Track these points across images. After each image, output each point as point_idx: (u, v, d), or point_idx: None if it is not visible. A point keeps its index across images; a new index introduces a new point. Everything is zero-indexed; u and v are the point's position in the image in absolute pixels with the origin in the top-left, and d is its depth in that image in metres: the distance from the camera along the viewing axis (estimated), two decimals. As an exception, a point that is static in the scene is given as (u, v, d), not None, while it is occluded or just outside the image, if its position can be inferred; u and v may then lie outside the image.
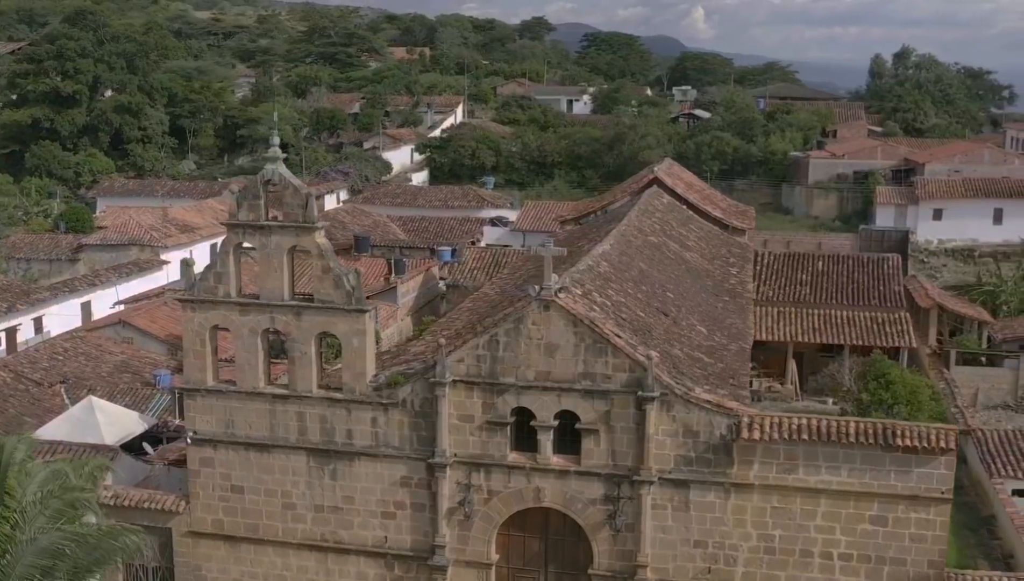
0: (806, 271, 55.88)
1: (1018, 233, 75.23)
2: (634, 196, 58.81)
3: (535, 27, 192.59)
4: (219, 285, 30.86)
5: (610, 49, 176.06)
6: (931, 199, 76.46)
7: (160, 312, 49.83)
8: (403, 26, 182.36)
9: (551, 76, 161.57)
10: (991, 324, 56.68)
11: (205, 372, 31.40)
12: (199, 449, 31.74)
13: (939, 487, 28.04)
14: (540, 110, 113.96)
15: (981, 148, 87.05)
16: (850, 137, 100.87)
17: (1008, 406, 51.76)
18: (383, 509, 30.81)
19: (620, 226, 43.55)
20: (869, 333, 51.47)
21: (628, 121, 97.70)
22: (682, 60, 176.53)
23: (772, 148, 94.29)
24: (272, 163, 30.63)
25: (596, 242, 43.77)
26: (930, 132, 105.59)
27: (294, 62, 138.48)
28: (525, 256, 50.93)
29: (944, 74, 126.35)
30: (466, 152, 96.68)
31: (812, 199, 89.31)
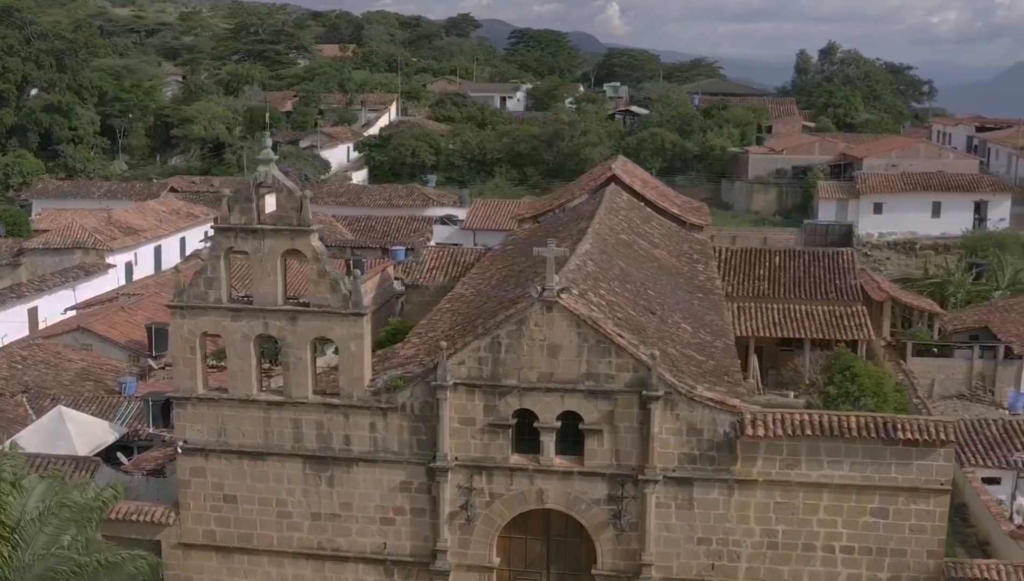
0: (763, 266, 56.53)
1: (955, 226, 77.37)
2: (592, 194, 58.92)
3: (461, 24, 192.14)
4: (210, 291, 30.12)
5: (538, 46, 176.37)
6: (871, 194, 78.17)
7: (118, 317, 48.62)
8: (328, 23, 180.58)
9: (480, 73, 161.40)
10: (941, 316, 57.92)
11: (195, 380, 30.66)
12: (189, 459, 30.98)
13: (938, 478, 28.55)
14: (477, 108, 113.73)
15: (917, 143, 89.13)
16: (785, 133, 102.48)
17: (963, 395, 52.98)
18: (382, 515, 30.39)
19: (593, 224, 43.52)
20: (828, 326, 52.23)
21: (567, 118, 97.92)
22: (609, 57, 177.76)
23: (711, 144, 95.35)
24: (265, 165, 30.01)
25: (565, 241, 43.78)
26: (862, 127, 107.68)
27: (222, 60, 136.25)
28: (492, 255, 50.81)
29: (872, 70, 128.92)
30: (406, 150, 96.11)
31: (752, 194, 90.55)
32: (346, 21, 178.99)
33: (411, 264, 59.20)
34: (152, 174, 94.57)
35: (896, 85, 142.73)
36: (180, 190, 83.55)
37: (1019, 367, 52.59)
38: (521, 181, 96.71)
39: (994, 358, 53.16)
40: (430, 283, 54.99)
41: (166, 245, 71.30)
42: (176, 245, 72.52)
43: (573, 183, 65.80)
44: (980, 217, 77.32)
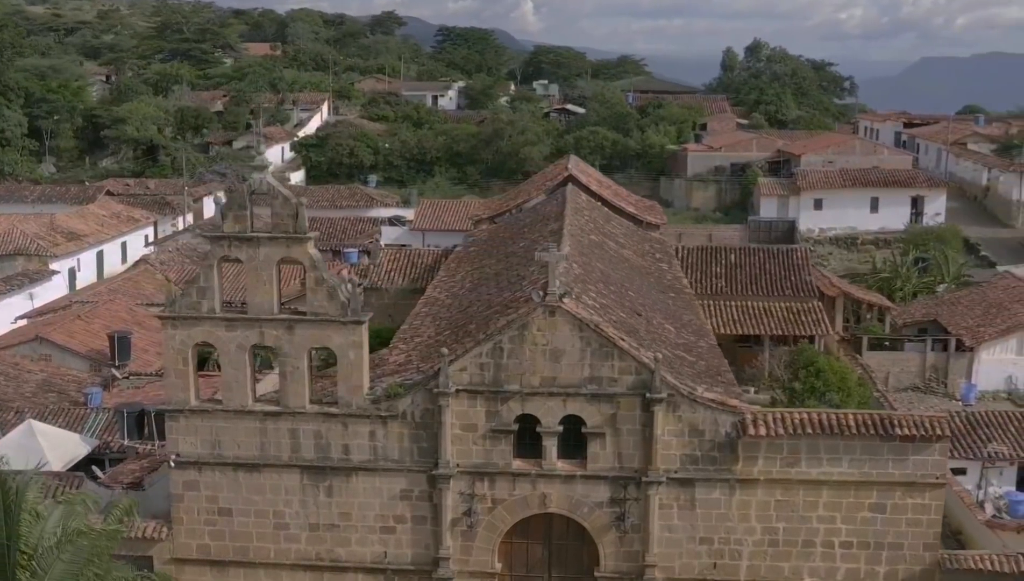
0: (720, 264, 57.16)
1: (893, 221, 79.08)
2: (549, 194, 59.04)
3: (386, 22, 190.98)
4: (203, 300, 29.49)
5: (465, 44, 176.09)
6: (811, 190, 79.53)
7: (76, 326, 47.38)
8: (251, 21, 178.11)
9: (407, 72, 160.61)
10: (891, 310, 59.18)
11: (188, 392, 30.02)
12: (182, 472, 30.35)
13: (934, 472, 29.21)
14: (412, 107, 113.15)
15: (852, 140, 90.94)
16: (720, 130, 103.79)
17: (917, 388, 54.19)
18: (382, 524, 30.11)
19: (565, 226, 43.60)
20: (786, 323, 53.00)
21: (506, 117, 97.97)
22: (535, 55, 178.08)
23: (649, 142, 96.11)
24: (259, 172, 29.51)
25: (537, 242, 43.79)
26: (794, 124, 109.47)
27: (146, 59, 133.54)
28: (455, 257, 50.54)
29: (798, 67, 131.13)
30: (344, 150, 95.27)
31: (691, 191, 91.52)
32: (269, 19, 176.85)
33: (368, 266, 58.56)
34: (83, 177, 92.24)
35: (818, 82, 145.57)
36: (116, 193, 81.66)
37: (970, 359, 53.93)
38: (461, 180, 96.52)
39: (946, 351, 54.42)
40: (388, 286, 54.59)
41: (108, 250, 69.70)
42: (118, 250, 70.95)
43: (527, 183, 65.90)
44: (917, 212, 79.08)
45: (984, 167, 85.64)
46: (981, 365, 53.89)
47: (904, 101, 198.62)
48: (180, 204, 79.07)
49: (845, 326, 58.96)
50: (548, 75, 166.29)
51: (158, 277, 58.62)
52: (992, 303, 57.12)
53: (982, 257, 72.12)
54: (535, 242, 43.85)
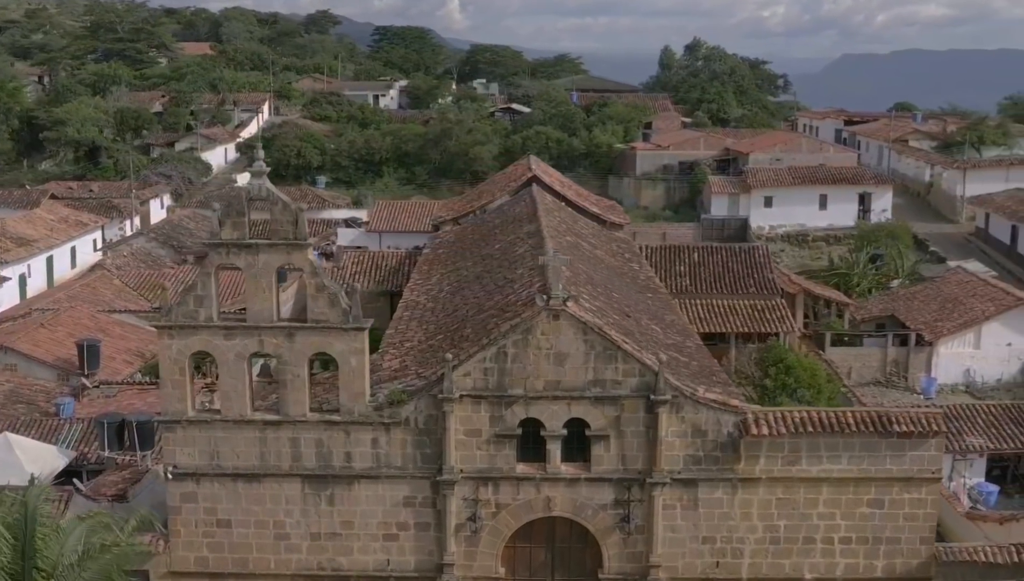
0: (683, 263, 57.76)
1: (842, 218, 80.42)
2: (513, 195, 59.04)
3: (320, 21, 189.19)
4: (200, 309, 28.99)
5: (403, 43, 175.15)
6: (762, 187, 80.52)
7: (40, 334, 46.29)
8: (184, 20, 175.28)
9: (344, 71, 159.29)
10: (850, 306, 60.16)
11: (185, 402, 29.49)
12: (180, 484, 29.82)
13: (930, 467, 29.78)
14: (357, 107, 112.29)
15: (798, 138, 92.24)
16: (666, 129, 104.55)
17: (879, 382, 55.10)
18: (385, 531, 29.91)
19: (542, 226, 43.66)
20: (751, 320, 53.67)
21: (454, 117, 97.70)
22: (473, 53, 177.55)
23: (596, 141, 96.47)
24: (257, 178, 29.08)
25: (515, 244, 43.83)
26: (737, 123, 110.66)
27: (79, 59, 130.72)
28: (426, 259, 50.32)
29: (737, 66, 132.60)
30: (291, 151, 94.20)
31: (641, 190, 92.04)
32: (202, 18, 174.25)
33: (331, 269, 58.01)
34: (23, 180, 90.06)
35: (755, 80, 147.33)
36: (60, 197, 79.86)
37: (929, 353, 55.01)
38: (410, 181, 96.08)
39: (905, 346, 55.44)
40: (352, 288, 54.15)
41: (57, 255, 68.11)
42: (67, 255, 69.33)
43: (488, 183, 65.77)
44: (864, 209, 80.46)
45: (927, 164, 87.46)
46: (940, 359, 54.98)
47: (827, 97, 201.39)
48: (127, 207, 77.58)
49: (805, 323, 59.84)
50: (485, 74, 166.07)
51: (115, 282, 57.53)
52: (948, 298, 58.33)
53: (931, 252, 73.60)
54: (512, 244, 43.98)
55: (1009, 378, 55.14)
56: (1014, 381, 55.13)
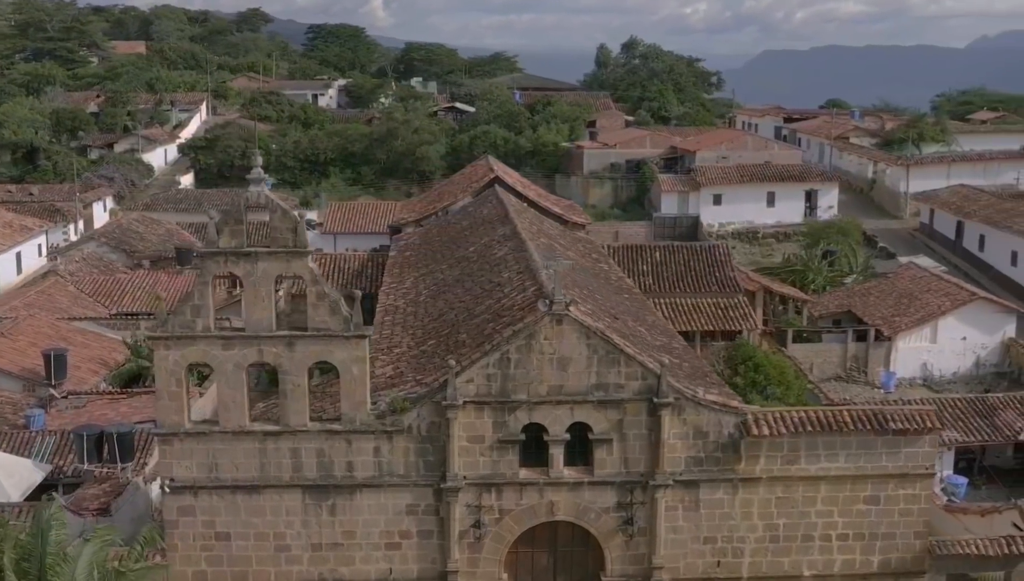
0: (645, 262, 58.18)
1: (789, 215, 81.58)
2: (475, 196, 58.90)
3: (252, 19, 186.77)
4: (197, 319, 28.45)
5: (337, 41, 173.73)
6: (711, 185, 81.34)
7: (2, 344, 45.09)
8: (113, 19, 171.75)
9: (278, 70, 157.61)
10: (809, 302, 61.05)
11: (182, 414, 28.91)
12: (177, 498, 29.22)
13: (924, 463, 30.34)
14: (300, 107, 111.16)
15: (744, 136, 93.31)
16: (610, 127, 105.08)
17: (840, 377, 56.06)
18: (387, 540, 29.63)
19: (518, 228, 43.63)
20: (715, 318, 54.29)
21: (400, 117, 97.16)
22: (408, 52, 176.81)
23: (543, 140, 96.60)
24: (256, 185, 28.62)
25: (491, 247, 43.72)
26: (679, 121, 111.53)
27: (7, 58, 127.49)
28: (395, 262, 49.91)
29: (675, 64, 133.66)
30: (235, 152, 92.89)
31: (588, 189, 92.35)
32: (131, 16, 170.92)
33: (294, 273, 57.27)
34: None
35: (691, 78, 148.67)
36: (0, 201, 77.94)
37: (888, 348, 56.10)
38: (356, 181, 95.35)
39: (864, 341, 56.43)
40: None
41: (3, 261, 66.40)
42: (12, 261, 67.60)
43: (447, 184, 65.59)
44: (811, 205, 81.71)
45: (870, 161, 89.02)
46: (898, 354, 56.16)
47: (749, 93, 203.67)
48: (71, 211, 75.93)
49: (764, 320, 60.60)
50: (420, 72, 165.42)
51: (70, 289, 56.27)
52: (903, 293, 59.52)
53: (880, 248, 74.95)
54: (489, 246, 43.86)
55: (964, 371, 56.52)
56: (969, 374, 56.52)
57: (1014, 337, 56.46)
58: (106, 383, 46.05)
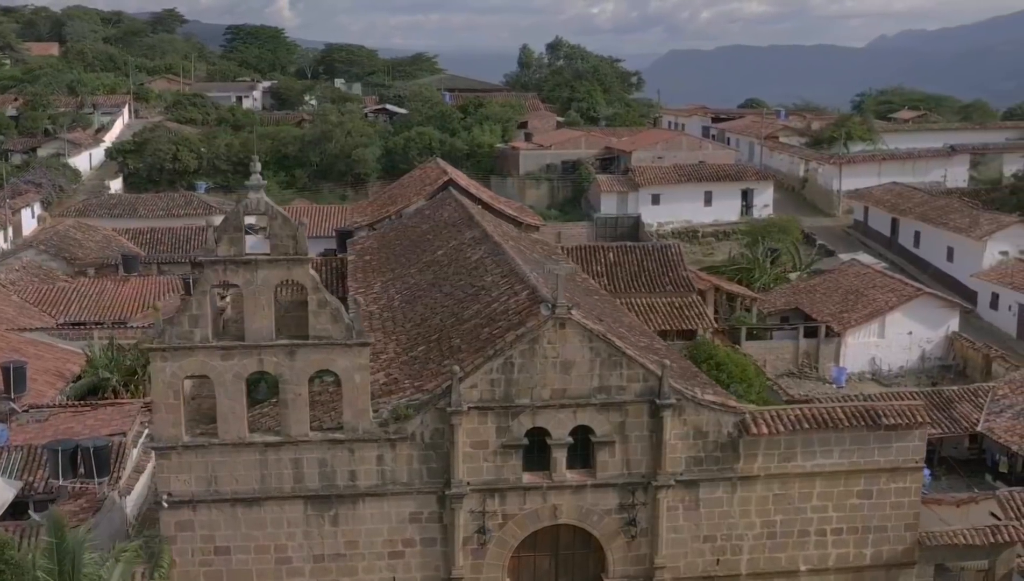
0: (600, 263, 58.53)
1: (726, 213, 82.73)
2: (429, 199, 58.66)
3: (167, 20, 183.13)
4: (195, 329, 27.86)
5: (257, 42, 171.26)
6: (649, 185, 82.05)
7: (-46, 358, 43.49)
8: (24, 19, 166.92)
9: (196, 71, 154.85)
10: (759, 300, 62.01)
11: (180, 427, 28.30)
12: (175, 513, 28.59)
13: (913, 457, 31.07)
14: (227, 109, 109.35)
15: (679, 136, 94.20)
16: (542, 128, 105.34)
17: (792, 373, 57.05)
18: (390, 549, 29.38)
19: (488, 230, 43.58)
20: (671, 318, 54.87)
21: (335, 119, 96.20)
22: (328, 53, 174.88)
23: (478, 141, 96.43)
24: (255, 192, 28.11)
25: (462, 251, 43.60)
26: (609, 121, 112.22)
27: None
28: (357, 266, 49.47)
29: (600, 65, 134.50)
30: (166, 155, 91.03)
31: (525, 190, 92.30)
32: (43, 17, 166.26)
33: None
34: None
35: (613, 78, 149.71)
36: (-77, 208, 75.20)
37: (838, 344, 57.29)
38: (290, 184, 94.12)
39: (815, 337, 57.53)
40: (274, 298, 52.88)
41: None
42: (-51, 272, 65.26)
43: (398, 187, 65.15)
44: (747, 204, 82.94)
45: (801, 160, 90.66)
46: (848, 349, 57.39)
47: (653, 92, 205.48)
48: (1, 217, 73.60)
49: (715, 318, 61.37)
50: (341, 73, 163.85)
51: (14, 298, 54.58)
52: (849, 290, 60.83)
53: (819, 246, 76.42)
54: (459, 250, 43.75)
55: (911, 365, 58.01)
56: (915, 368, 58.03)
57: (957, 331, 58.10)
58: (65, 396, 44.75)
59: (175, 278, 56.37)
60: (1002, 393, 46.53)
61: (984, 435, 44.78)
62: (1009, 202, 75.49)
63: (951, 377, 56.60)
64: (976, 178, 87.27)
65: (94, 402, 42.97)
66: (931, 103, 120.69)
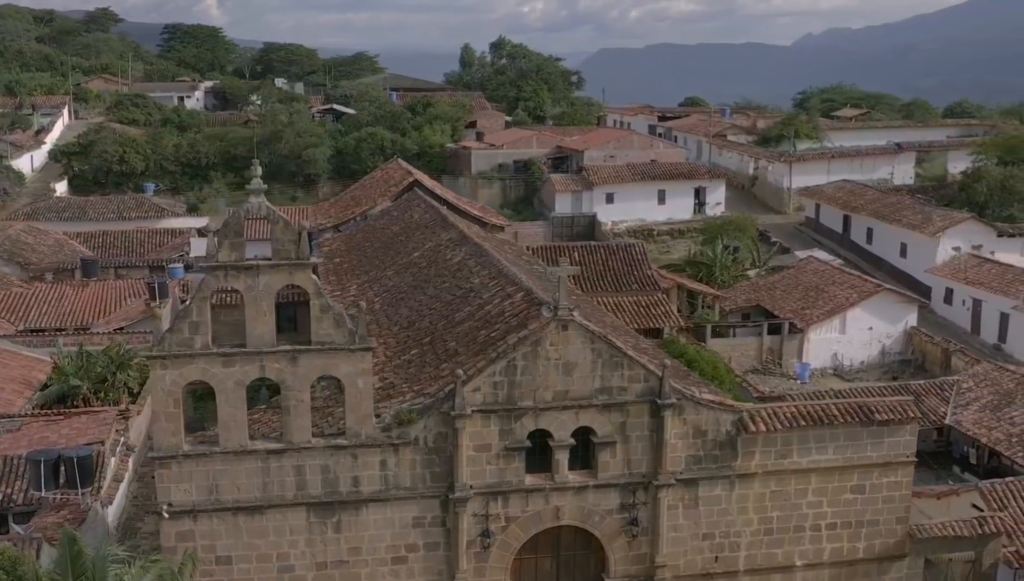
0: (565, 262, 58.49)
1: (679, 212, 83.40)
2: (394, 200, 58.43)
3: (101, 19, 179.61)
4: (196, 336, 27.44)
5: (194, 41, 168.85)
6: (603, 184, 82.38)
7: (-83, 368, 42.40)
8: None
9: (134, 71, 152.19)
10: (720, 298, 62.61)
11: (179, 436, 27.88)
12: (175, 523, 28.15)
13: (905, 452, 31.65)
14: (171, 109, 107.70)
15: (630, 135, 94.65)
16: (491, 127, 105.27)
17: (757, 370, 57.70)
18: (394, 555, 29.25)
19: (465, 231, 43.53)
20: (638, 316, 55.18)
21: (285, 119, 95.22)
22: (266, 52, 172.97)
23: (428, 141, 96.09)
24: (256, 196, 27.76)
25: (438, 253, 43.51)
26: (557, 120, 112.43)
27: None
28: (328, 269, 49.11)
29: (544, 64, 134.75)
30: (113, 157, 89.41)
31: (477, 189, 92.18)
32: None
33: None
34: None
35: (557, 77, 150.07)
36: None
37: (801, 340, 58.07)
38: (239, 185, 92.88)
39: (779, 334, 58.26)
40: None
41: None
42: None
43: (361, 189, 64.70)
44: (700, 202, 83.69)
45: (751, 158, 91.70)
46: (810, 345, 58.19)
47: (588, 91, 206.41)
48: (-54, 223, 71.79)
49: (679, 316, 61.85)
50: (280, 73, 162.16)
51: (-30, 307, 53.27)
52: (809, 286, 61.68)
53: (774, 243, 77.35)
54: (437, 251, 43.69)
55: (871, 360, 58.94)
56: (875, 362, 58.98)
57: (915, 326, 59.21)
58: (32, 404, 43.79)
59: (137, 282, 55.32)
60: (967, 386, 47.50)
61: (952, 428, 45.68)
62: (959, 198, 77.07)
63: (911, 371, 57.64)
64: (922, 175, 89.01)
65: (67, 410, 42.19)
66: (872, 101, 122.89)
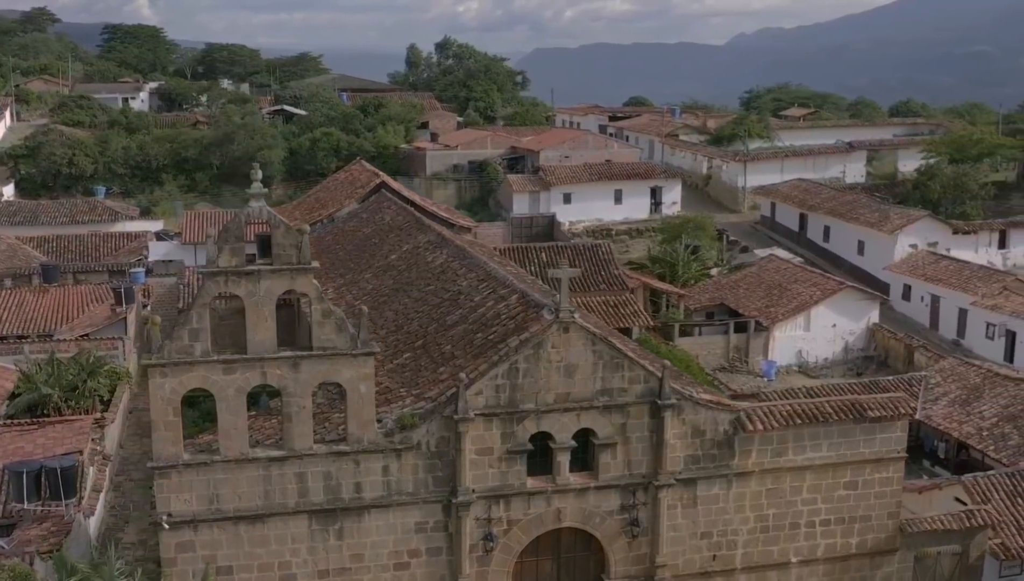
0: (532, 263, 58.59)
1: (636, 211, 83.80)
2: (361, 202, 58.04)
3: (38, 19, 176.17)
4: (195, 343, 26.99)
5: (135, 42, 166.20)
6: (560, 184, 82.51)
7: None
8: None
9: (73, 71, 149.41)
10: (684, 297, 63.06)
11: (179, 445, 27.41)
12: (175, 534, 27.67)
13: (896, 447, 32.11)
14: (119, 111, 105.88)
15: (585, 135, 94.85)
16: (443, 128, 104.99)
17: (724, 368, 58.21)
18: (396, 561, 29.03)
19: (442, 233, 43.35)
20: (608, 316, 55.31)
21: (238, 120, 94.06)
22: (209, 52, 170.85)
23: (383, 142, 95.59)
24: (256, 201, 27.36)
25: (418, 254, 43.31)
26: (508, 120, 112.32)
27: None
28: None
29: (491, 64, 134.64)
30: (62, 160, 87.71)
31: (432, 190, 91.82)
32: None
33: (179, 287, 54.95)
34: None
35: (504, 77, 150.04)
36: None
37: (767, 338, 58.70)
38: (191, 188, 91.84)
39: (745, 332, 58.83)
40: (208, 307, 51.57)
41: None
42: None
43: (326, 190, 64.19)
44: (656, 202, 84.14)
45: (704, 157, 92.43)
46: (776, 342, 58.85)
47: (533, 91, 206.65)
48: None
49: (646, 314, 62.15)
50: (222, 73, 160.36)
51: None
52: (771, 285, 62.36)
53: (732, 241, 77.98)
54: (416, 253, 43.49)
55: (835, 357, 59.79)
56: (839, 359, 59.84)
57: (878, 322, 60.14)
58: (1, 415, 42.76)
59: (99, 287, 54.27)
60: (935, 381, 48.34)
61: (921, 423, 46.44)
62: (912, 196, 78.38)
63: (874, 367, 58.55)
64: (873, 173, 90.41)
65: (39, 420, 41.26)
66: (818, 101, 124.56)
